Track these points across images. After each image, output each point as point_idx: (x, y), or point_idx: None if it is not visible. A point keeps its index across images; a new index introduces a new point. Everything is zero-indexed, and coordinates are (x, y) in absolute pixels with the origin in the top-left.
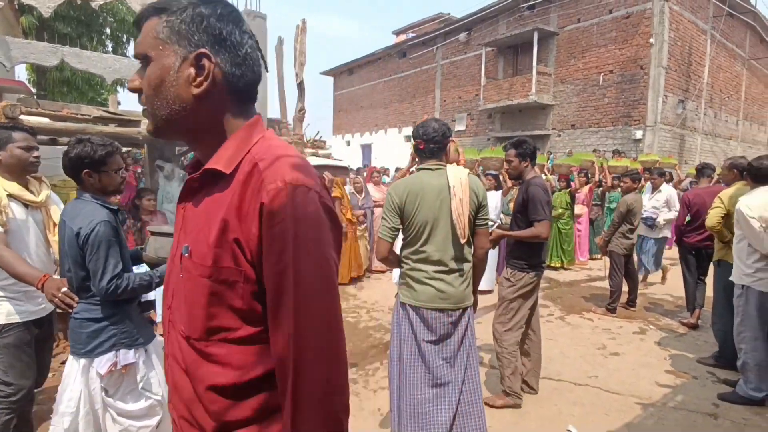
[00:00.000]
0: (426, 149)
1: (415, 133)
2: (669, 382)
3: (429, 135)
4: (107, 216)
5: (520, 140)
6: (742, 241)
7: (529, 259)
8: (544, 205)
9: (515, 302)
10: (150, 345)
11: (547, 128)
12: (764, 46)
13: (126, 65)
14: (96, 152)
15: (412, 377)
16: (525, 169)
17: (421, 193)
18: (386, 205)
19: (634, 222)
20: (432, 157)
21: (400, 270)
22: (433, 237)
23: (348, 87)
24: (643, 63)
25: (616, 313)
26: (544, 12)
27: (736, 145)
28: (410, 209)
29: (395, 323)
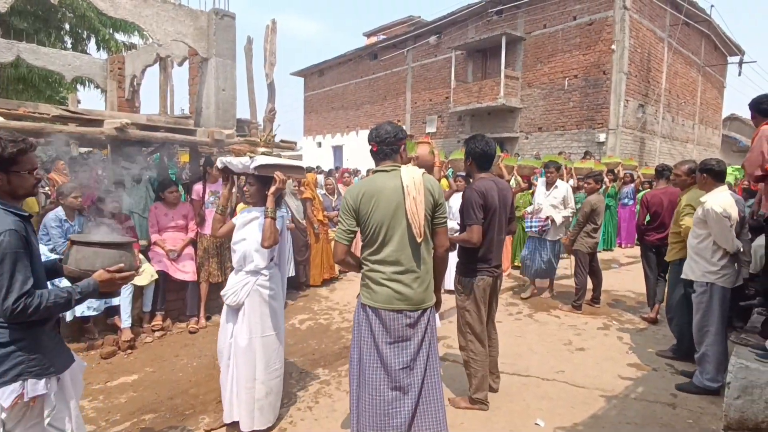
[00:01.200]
0: (379, 151)
1: (369, 137)
2: (631, 375)
3: (382, 137)
4: (14, 224)
5: (470, 137)
6: (705, 240)
7: (470, 263)
8: (475, 209)
9: (470, 310)
10: (66, 373)
11: (515, 131)
12: (718, 53)
13: (87, 62)
14: (5, 150)
15: (371, 378)
16: (469, 169)
17: (377, 195)
18: (342, 207)
19: (597, 221)
20: (386, 159)
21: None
22: (390, 238)
23: (319, 88)
24: (605, 68)
25: (581, 310)
26: (512, 17)
27: (692, 148)
28: (365, 211)
29: (355, 324)
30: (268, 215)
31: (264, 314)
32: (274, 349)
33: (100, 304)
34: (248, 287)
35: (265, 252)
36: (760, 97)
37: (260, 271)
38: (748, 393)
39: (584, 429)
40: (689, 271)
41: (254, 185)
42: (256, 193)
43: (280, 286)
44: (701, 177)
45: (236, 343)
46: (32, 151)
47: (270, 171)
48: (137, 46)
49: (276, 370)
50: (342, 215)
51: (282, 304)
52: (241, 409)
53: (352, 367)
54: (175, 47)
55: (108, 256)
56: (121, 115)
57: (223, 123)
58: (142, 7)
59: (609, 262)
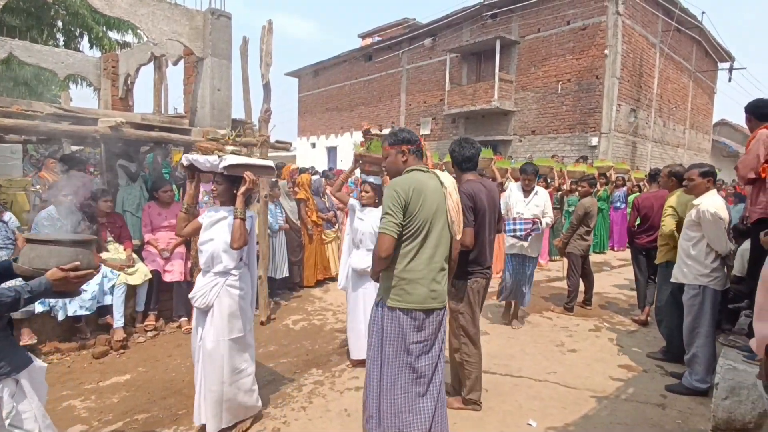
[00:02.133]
0: (416, 151)
1: (403, 137)
2: (621, 376)
3: (414, 139)
4: None
5: (453, 142)
6: (699, 243)
7: (463, 266)
8: (466, 211)
9: (463, 312)
10: (24, 373)
11: (509, 134)
12: (709, 59)
13: (80, 60)
14: None
15: (398, 378)
16: (456, 172)
17: (425, 191)
18: (392, 200)
19: (590, 224)
20: (420, 160)
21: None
22: (430, 236)
23: (313, 89)
24: (598, 73)
25: (573, 312)
26: (506, 21)
27: (683, 153)
28: (414, 207)
29: (377, 328)
30: (238, 215)
31: (233, 315)
32: (242, 350)
33: (93, 303)
34: (217, 288)
35: (234, 252)
36: (757, 101)
37: (230, 272)
38: (735, 394)
39: (575, 429)
40: (680, 275)
41: (222, 184)
42: (224, 192)
43: (250, 286)
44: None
45: (203, 345)
46: None
47: (240, 171)
48: (131, 44)
49: (245, 370)
50: (392, 208)
51: (252, 304)
52: (208, 413)
53: (371, 370)
54: (170, 46)
55: (63, 254)
56: (115, 114)
57: (218, 123)
58: (138, 5)
59: (601, 264)
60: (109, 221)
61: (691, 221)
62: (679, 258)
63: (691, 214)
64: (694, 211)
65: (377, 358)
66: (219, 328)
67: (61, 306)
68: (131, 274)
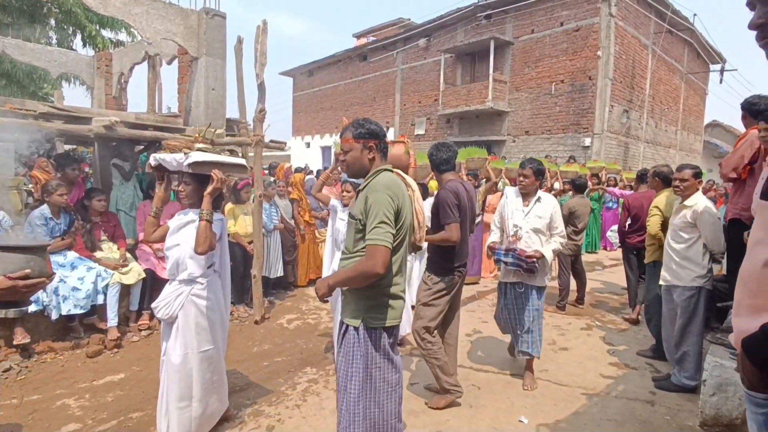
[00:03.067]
0: (384, 148)
1: (372, 131)
2: (612, 374)
3: (383, 134)
4: None
5: (440, 144)
6: (695, 244)
7: (443, 262)
8: (452, 208)
9: (430, 305)
10: None
11: (502, 134)
12: (701, 61)
13: (73, 59)
14: None
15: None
16: (438, 175)
17: (404, 195)
18: (386, 206)
19: (577, 224)
20: (385, 159)
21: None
22: (405, 244)
23: (308, 88)
24: (591, 74)
25: (565, 311)
26: (501, 22)
27: (675, 153)
28: (403, 213)
29: (359, 354)
30: (203, 217)
31: (201, 327)
32: (212, 364)
33: (87, 302)
34: (182, 298)
35: (201, 258)
36: (753, 98)
37: (195, 280)
38: (722, 390)
39: (566, 426)
40: (673, 277)
41: (190, 184)
42: (193, 193)
43: (221, 295)
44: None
45: (168, 360)
46: None
47: (206, 169)
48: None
49: (216, 381)
50: (388, 216)
51: (223, 314)
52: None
53: (355, 403)
54: (164, 45)
55: (11, 261)
56: (109, 113)
57: (213, 122)
58: (132, 5)
59: (593, 264)
60: (103, 220)
61: (686, 223)
62: (669, 260)
63: (685, 216)
64: (689, 212)
65: (365, 387)
66: (187, 341)
67: (55, 305)
68: (125, 274)
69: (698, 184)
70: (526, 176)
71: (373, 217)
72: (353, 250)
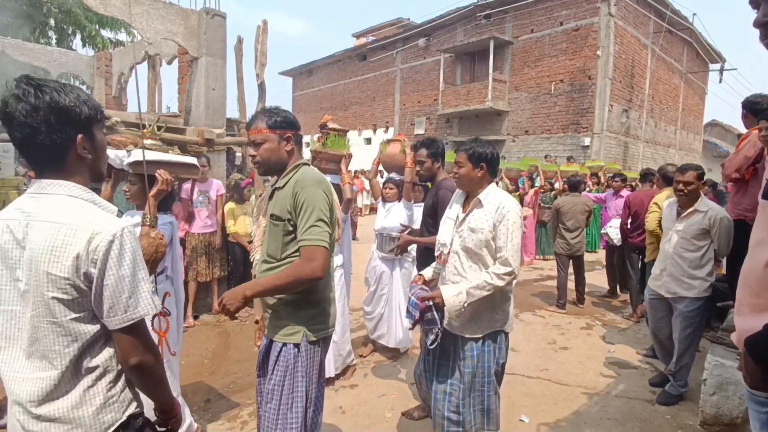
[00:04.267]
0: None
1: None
2: (612, 373)
3: (299, 126)
4: None
5: (431, 139)
6: (708, 252)
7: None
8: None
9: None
10: None
11: (502, 133)
12: (700, 60)
13: (73, 59)
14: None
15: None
16: (437, 171)
17: (332, 191)
18: (323, 203)
19: (566, 222)
20: (301, 154)
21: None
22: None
23: (308, 88)
24: (590, 74)
25: (565, 309)
26: (500, 21)
27: (675, 153)
28: (335, 210)
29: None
30: (145, 222)
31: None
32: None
33: None
34: None
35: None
36: (754, 96)
37: None
38: (723, 389)
39: (567, 425)
40: (684, 289)
41: (136, 184)
42: (138, 194)
43: (173, 303)
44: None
45: None
46: None
47: (149, 168)
48: (124, 43)
49: None
50: (325, 213)
51: (179, 323)
52: None
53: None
54: (164, 45)
55: None
56: (109, 113)
57: (213, 122)
58: (132, 4)
59: (593, 264)
60: None
61: (700, 229)
62: (678, 271)
63: (700, 222)
64: (703, 218)
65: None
66: None
67: None
68: None
69: (702, 187)
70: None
71: (308, 216)
72: (282, 256)
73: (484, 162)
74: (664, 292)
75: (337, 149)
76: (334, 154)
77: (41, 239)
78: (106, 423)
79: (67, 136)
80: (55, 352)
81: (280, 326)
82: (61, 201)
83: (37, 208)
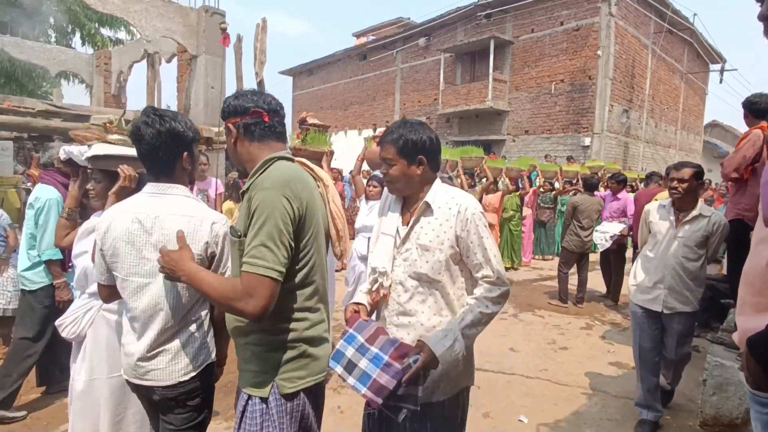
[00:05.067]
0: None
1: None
2: (612, 373)
3: (273, 105)
4: None
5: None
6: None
7: None
8: None
9: None
10: None
11: (502, 133)
12: (700, 61)
13: (72, 57)
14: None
15: None
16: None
17: (312, 195)
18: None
19: (582, 221)
20: (282, 140)
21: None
22: (322, 264)
23: (308, 87)
24: (591, 74)
25: (567, 304)
26: (500, 21)
27: (675, 153)
28: (310, 222)
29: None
30: None
31: (113, 349)
32: (127, 394)
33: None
34: (91, 314)
35: None
36: (753, 96)
37: None
38: (723, 390)
39: (567, 425)
40: (683, 304)
41: (101, 182)
42: (103, 192)
43: None
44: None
45: (72, 387)
46: None
47: (111, 164)
48: (123, 41)
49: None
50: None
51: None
52: None
53: None
54: (164, 44)
55: None
56: (108, 111)
57: (212, 120)
58: (131, 2)
59: (593, 264)
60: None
61: (704, 237)
62: (678, 283)
63: (703, 227)
64: (708, 224)
65: None
66: (94, 365)
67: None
68: None
69: (701, 189)
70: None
71: (256, 230)
72: None
73: (423, 153)
74: (661, 307)
75: (318, 146)
76: (314, 151)
77: (175, 227)
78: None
79: (178, 153)
80: (173, 307)
81: (246, 371)
82: (181, 200)
83: (163, 204)
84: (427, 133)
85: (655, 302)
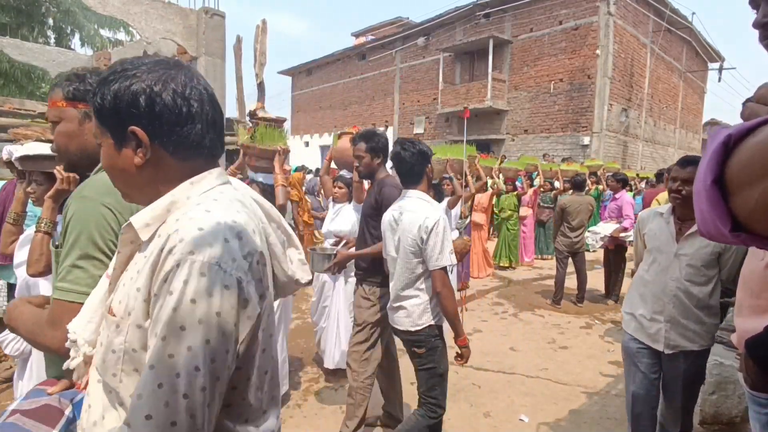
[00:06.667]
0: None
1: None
2: (611, 372)
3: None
4: None
5: (371, 131)
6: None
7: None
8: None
9: (378, 325)
10: None
11: (501, 133)
12: (699, 59)
13: (72, 58)
14: None
15: None
16: (378, 167)
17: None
18: (97, 231)
19: (571, 221)
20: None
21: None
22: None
23: (307, 87)
24: (590, 73)
25: (560, 305)
26: (499, 20)
27: (674, 152)
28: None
29: None
30: (40, 228)
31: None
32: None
33: None
34: None
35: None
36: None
37: None
38: (722, 388)
39: (566, 424)
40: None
41: (42, 184)
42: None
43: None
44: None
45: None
46: None
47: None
48: (123, 42)
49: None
50: (95, 244)
51: None
52: None
53: None
54: (163, 45)
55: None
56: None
57: None
58: (131, 4)
59: (592, 263)
60: None
61: (714, 254)
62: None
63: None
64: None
65: None
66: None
67: None
68: None
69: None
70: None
71: (68, 248)
72: None
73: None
74: (663, 346)
75: (269, 143)
76: (264, 150)
77: (407, 220)
78: (425, 320)
79: (424, 167)
80: (406, 276)
81: None
82: (416, 200)
83: (405, 204)
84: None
85: (654, 339)
